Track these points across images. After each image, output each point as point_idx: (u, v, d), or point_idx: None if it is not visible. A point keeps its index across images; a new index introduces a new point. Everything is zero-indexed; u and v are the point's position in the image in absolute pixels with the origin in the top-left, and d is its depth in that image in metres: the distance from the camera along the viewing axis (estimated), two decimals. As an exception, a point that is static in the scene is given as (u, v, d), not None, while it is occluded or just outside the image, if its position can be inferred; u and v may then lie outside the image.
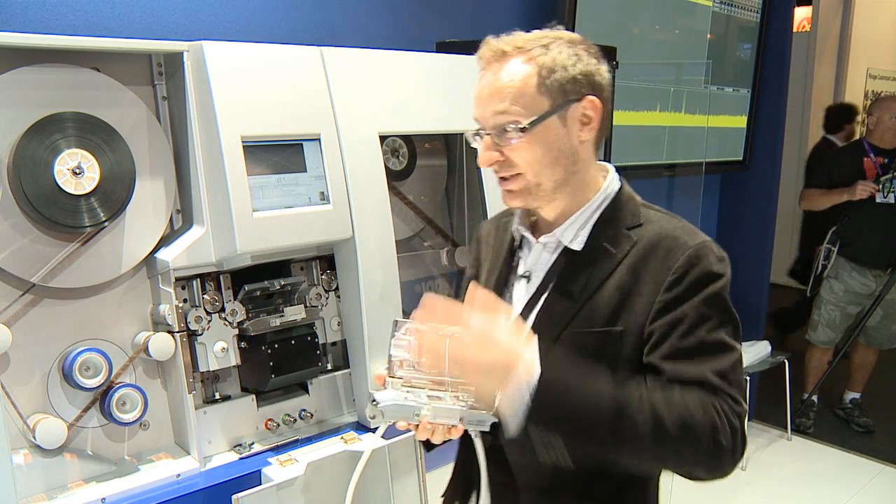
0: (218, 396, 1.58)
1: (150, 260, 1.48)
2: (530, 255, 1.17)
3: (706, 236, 1.08)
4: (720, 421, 0.96)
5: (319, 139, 1.57)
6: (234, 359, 1.55)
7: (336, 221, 1.58)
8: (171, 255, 1.45)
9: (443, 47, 2.56)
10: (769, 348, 3.71)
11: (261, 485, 1.38)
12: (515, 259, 1.20)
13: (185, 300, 1.51)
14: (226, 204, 1.43)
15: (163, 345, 1.42)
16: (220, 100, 1.43)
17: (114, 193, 1.39)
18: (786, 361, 3.68)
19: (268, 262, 1.60)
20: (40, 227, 1.34)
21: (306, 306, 1.66)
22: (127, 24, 1.96)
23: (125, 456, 1.46)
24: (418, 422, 1.03)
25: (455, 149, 1.97)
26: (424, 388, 1.04)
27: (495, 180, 1.13)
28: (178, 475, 1.44)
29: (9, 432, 1.27)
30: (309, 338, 1.63)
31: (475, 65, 1.12)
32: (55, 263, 1.35)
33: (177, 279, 1.46)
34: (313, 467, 1.39)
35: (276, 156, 1.51)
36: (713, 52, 3.87)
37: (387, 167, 1.72)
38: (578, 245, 1.11)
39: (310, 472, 1.39)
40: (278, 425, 1.62)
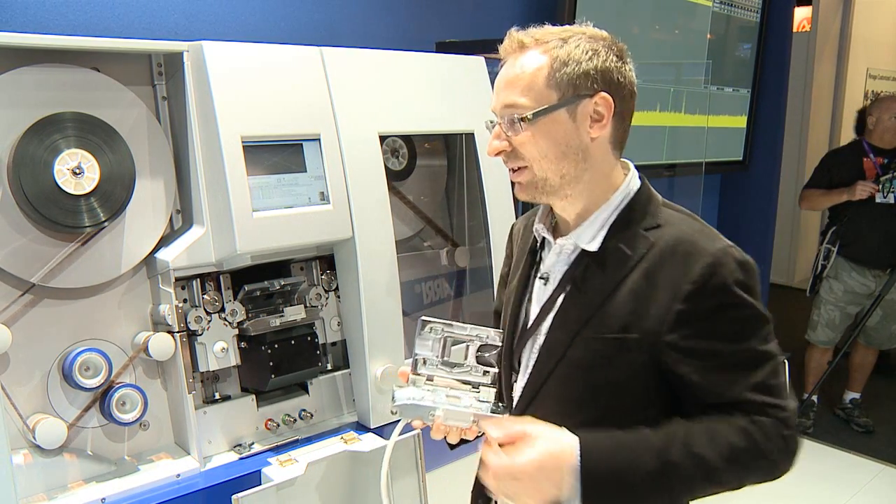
0: (218, 396, 1.58)
1: (150, 260, 1.48)
2: (549, 255, 1.16)
3: (727, 241, 1.04)
4: (767, 442, 1.00)
5: (319, 139, 1.57)
6: (233, 359, 1.55)
7: (336, 221, 1.58)
8: (171, 255, 1.45)
9: (443, 47, 2.56)
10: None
11: (261, 485, 1.38)
12: (537, 259, 1.19)
13: (184, 300, 1.51)
14: (226, 204, 1.43)
15: (163, 345, 1.42)
16: (219, 100, 1.43)
17: (114, 193, 1.39)
18: (785, 361, 3.66)
19: (268, 263, 1.60)
20: (40, 227, 1.34)
21: (306, 306, 1.66)
22: (127, 24, 1.96)
23: (125, 456, 1.46)
24: (433, 422, 1.03)
25: (455, 149, 1.97)
26: (447, 387, 1.05)
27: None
28: (178, 475, 1.44)
29: (9, 432, 1.27)
30: (309, 338, 1.63)
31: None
32: (55, 263, 1.35)
33: (177, 279, 1.46)
34: (313, 467, 1.39)
35: (275, 156, 1.51)
36: (713, 52, 3.87)
37: (387, 167, 1.72)
38: (594, 246, 1.08)
39: (310, 472, 1.39)
40: (278, 425, 1.62)
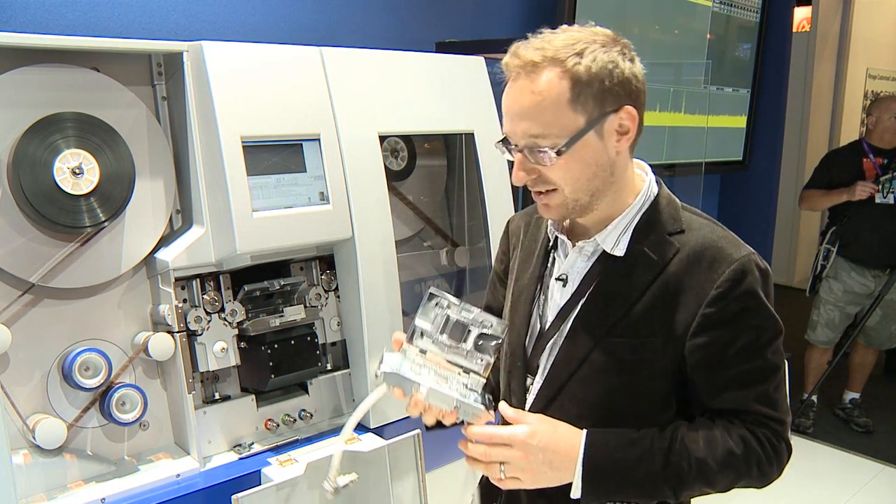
0: (218, 396, 1.58)
1: (149, 260, 1.48)
2: (567, 258, 1.14)
3: (750, 248, 1.06)
4: (762, 451, 1.04)
5: (319, 139, 1.57)
6: (233, 359, 1.55)
7: (336, 221, 1.58)
8: (171, 256, 1.45)
9: (443, 47, 2.56)
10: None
11: (260, 485, 1.38)
12: (550, 259, 1.18)
13: (184, 300, 1.51)
14: (225, 204, 1.43)
15: (162, 345, 1.42)
16: (219, 100, 1.43)
17: (113, 193, 1.39)
18: (785, 361, 3.68)
19: (267, 263, 1.60)
20: (40, 227, 1.34)
21: (306, 306, 1.66)
22: (126, 24, 1.96)
23: (125, 456, 1.46)
24: (412, 397, 1.01)
25: (455, 149, 1.97)
26: (437, 365, 1.03)
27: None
28: (178, 475, 1.44)
29: (9, 432, 1.27)
30: (309, 338, 1.63)
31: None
32: (55, 263, 1.35)
33: (176, 279, 1.46)
34: (313, 467, 1.39)
35: (275, 156, 1.51)
36: (713, 52, 3.87)
37: (387, 167, 1.72)
38: (620, 251, 1.07)
39: (309, 472, 1.39)
40: (278, 425, 1.62)
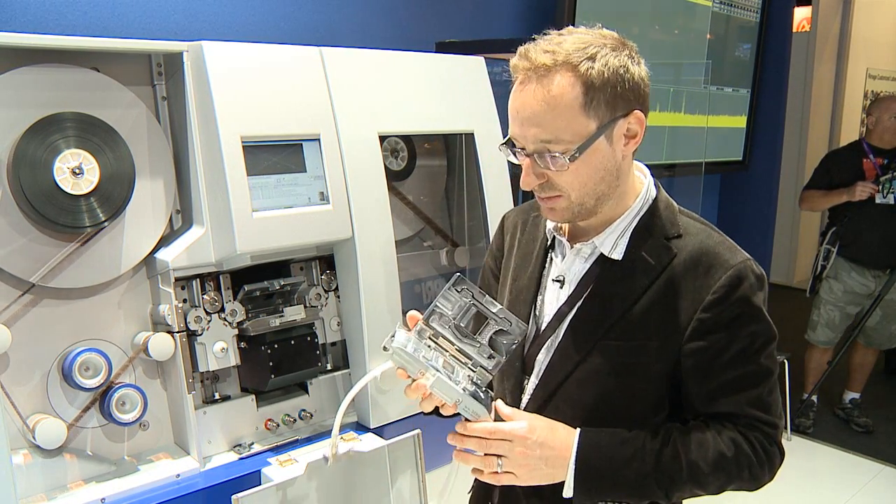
0: (218, 396, 1.58)
1: (149, 260, 1.48)
2: (564, 259, 1.14)
3: (746, 254, 1.06)
4: (754, 455, 1.04)
5: (319, 139, 1.56)
6: (233, 359, 1.55)
7: (336, 221, 1.58)
8: (171, 256, 1.45)
9: (443, 47, 2.57)
10: (772, 351, 3.71)
11: (260, 485, 1.38)
12: (548, 260, 1.18)
13: (184, 300, 1.51)
14: (225, 204, 1.43)
15: (162, 345, 1.42)
16: (219, 100, 1.43)
17: (113, 194, 1.39)
18: (785, 361, 3.68)
19: (267, 263, 1.60)
20: (40, 227, 1.34)
21: (306, 306, 1.65)
22: (126, 25, 1.96)
23: (125, 456, 1.46)
24: (415, 380, 1.00)
25: (455, 149, 1.97)
26: (447, 352, 1.02)
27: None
28: (178, 475, 1.44)
29: (9, 432, 1.27)
30: (309, 338, 1.63)
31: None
32: (55, 263, 1.35)
33: (176, 279, 1.46)
34: (313, 467, 1.39)
35: (275, 156, 1.51)
36: (713, 52, 3.87)
37: (387, 167, 1.72)
38: (618, 255, 1.08)
39: (310, 472, 1.39)
40: (278, 425, 1.62)
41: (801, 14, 5.87)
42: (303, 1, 2.31)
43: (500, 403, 1.07)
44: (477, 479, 1.27)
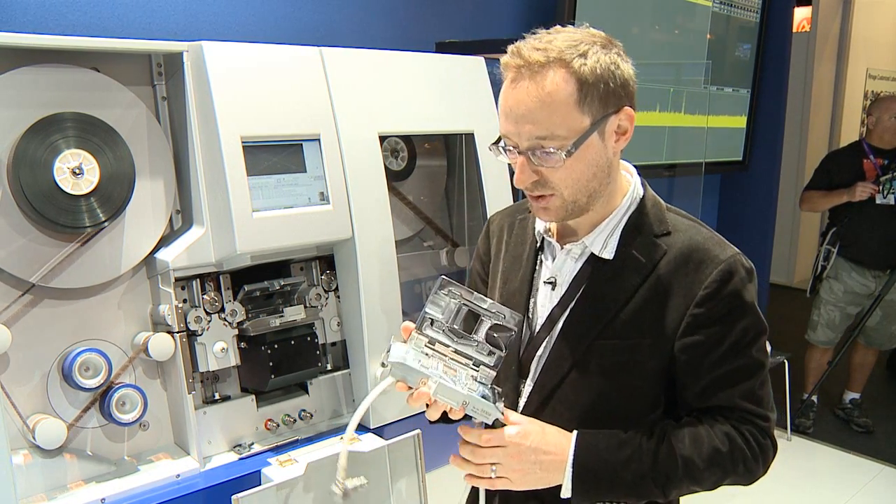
0: (218, 397, 1.58)
1: (149, 260, 1.48)
2: (555, 261, 1.14)
3: (735, 248, 1.07)
4: (748, 449, 1.05)
5: (319, 139, 1.57)
6: (233, 359, 1.55)
7: (336, 221, 1.58)
8: (171, 256, 1.45)
9: (443, 47, 2.56)
10: (769, 349, 3.71)
11: (260, 485, 1.38)
12: (538, 262, 1.18)
13: (184, 300, 1.51)
14: (225, 204, 1.43)
15: (162, 345, 1.42)
16: (219, 100, 1.43)
17: (113, 194, 1.39)
18: (785, 362, 3.68)
19: (268, 263, 1.60)
20: (40, 228, 1.34)
21: (306, 306, 1.66)
22: (126, 25, 1.96)
23: (125, 456, 1.46)
24: (417, 390, 0.99)
25: (455, 149, 1.97)
26: (446, 356, 1.02)
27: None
28: (178, 475, 1.44)
29: (9, 432, 1.27)
30: (309, 338, 1.63)
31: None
32: (55, 263, 1.35)
33: (176, 279, 1.46)
34: (313, 467, 1.39)
35: (275, 156, 1.51)
36: (713, 52, 3.87)
37: (387, 167, 1.72)
38: (609, 254, 1.08)
39: (309, 472, 1.39)
40: (278, 425, 1.62)
41: (801, 14, 5.88)
42: (303, 1, 2.31)
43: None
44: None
